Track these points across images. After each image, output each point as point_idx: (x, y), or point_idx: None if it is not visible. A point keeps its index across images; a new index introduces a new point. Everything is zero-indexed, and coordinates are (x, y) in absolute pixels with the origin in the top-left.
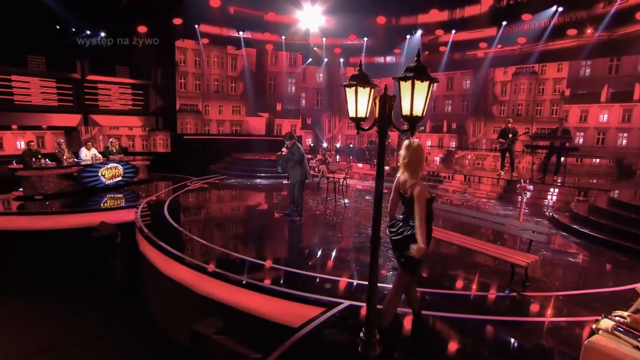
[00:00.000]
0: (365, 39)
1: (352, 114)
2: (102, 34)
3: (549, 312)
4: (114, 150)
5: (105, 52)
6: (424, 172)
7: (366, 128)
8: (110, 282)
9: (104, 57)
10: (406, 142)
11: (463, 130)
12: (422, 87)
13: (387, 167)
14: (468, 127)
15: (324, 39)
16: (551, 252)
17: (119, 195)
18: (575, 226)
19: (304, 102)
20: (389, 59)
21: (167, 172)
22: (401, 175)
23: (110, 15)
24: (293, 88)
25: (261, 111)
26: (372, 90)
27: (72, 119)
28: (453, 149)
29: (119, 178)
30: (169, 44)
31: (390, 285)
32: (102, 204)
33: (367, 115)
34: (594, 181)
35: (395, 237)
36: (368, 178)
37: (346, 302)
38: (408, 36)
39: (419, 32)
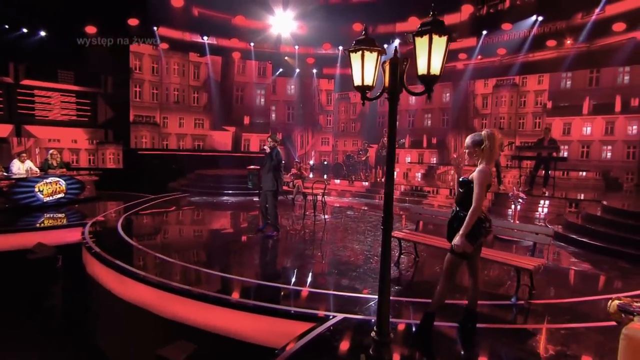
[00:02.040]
0: (341, 48)
1: (357, 82)
2: (42, 33)
3: (561, 318)
4: (55, 164)
5: (45, 55)
6: (407, 186)
7: (372, 98)
8: (50, 312)
9: (44, 60)
10: (484, 132)
11: (444, 145)
12: (440, 42)
13: (366, 183)
14: (449, 141)
15: (297, 47)
16: (551, 261)
17: (60, 215)
18: (572, 235)
19: (274, 115)
20: None
21: (119, 190)
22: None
23: (53, 12)
24: (262, 100)
25: (227, 125)
26: (380, 56)
27: (1, 130)
28: (434, 165)
29: (61, 195)
30: (122, 47)
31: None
32: (38, 224)
33: (374, 84)
34: (582, 196)
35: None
36: (346, 195)
37: (340, 315)
38: (385, 45)
39: (397, 41)
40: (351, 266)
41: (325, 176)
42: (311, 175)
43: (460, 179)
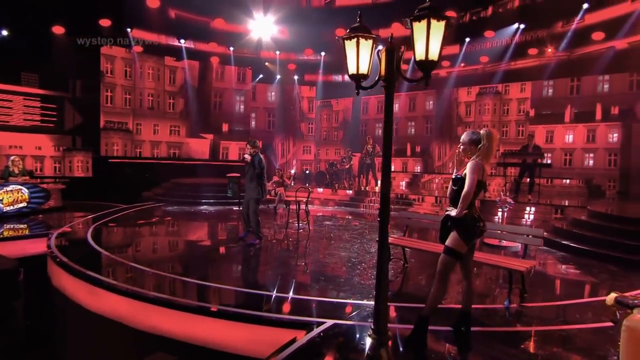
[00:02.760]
0: (323, 53)
1: (352, 70)
2: (4, 33)
3: (555, 320)
4: (16, 171)
5: (7, 55)
6: (391, 194)
7: (367, 87)
8: (11, 330)
9: (5, 61)
10: (482, 131)
11: (428, 153)
12: (438, 26)
13: (350, 192)
14: (433, 150)
15: (278, 53)
16: (541, 265)
17: (22, 226)
18: (559, 240)
19: (254, 123)
20: (347, 77)
21: (87, 200)
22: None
23: (17, 9)
24: (242, 107)
25: (204, 132)
26: (375, 44)
27: None
28: (419, 173)
29: (23, 204)
30: (93, 49)
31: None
32: None
33: (369, 73)
34: (567, 203)
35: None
36: (330, 203)
37: (329, 321)
38: None
39: (380, 47)
40: (338, 273)
41: (307, 185)
42: (293, 184)
43: (454, 176)
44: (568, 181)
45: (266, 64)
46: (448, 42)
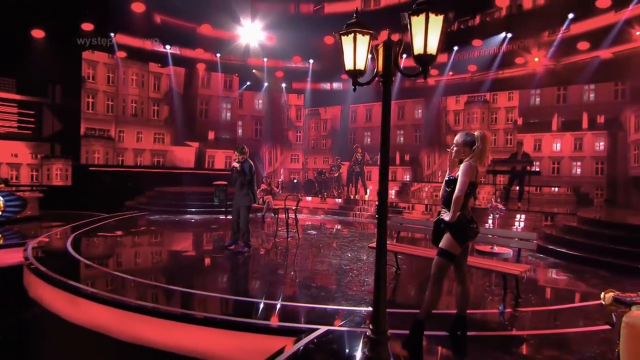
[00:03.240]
0: (311, 61)
1: (349, 66)
2: None
3: (551, 324)
4: None
5: None
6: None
7: (363, 83)
8: None
9: None
10: (477, 132)
11: (417, 162)
12: (436, 21)
13: (339, 200)
14: (422, 158)
15: (265, 60)
16: (533, 271)
17: None
18: (550, 246)
19: (240, 131)
20: (335, 85)
21: (67, 209)
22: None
23: None
24: (228, 115)
25: (190, 140)
26: (372, 40)
27: None
28: (408, 182)
29: None
30: (74, 54)
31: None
32: None
33: (365, 68)
34: (557, 210)
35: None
36: (318, 212)
37: (323, 328)
38: None
39: (369, 55)
40: (329, 280)
41: (296, 193)
42: (281, 192)
43: (447, 178)
44: (557, 189)
45: (253, 71)
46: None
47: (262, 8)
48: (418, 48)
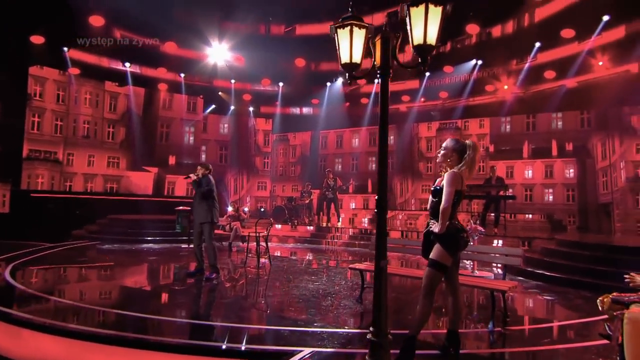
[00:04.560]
0: (281, 84)
1: (345, 59)
2: None
3: (541, 341)
4: None
5: None
6: (355, 231)
7: (359, 76)
8: None
9: None
10: (468, 141)
11: (390, 189)
12: (435, 11)
13: (310, 228)
14: (395, 185)
15: (233, 82)
16: (517, 293)
17: None
18: (531, 269)
19: (204, 156)
20: (305, 110)
21: (3, 239)
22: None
23: None
24: (191, 138)
25: (148, 165)
26: (368, 34)
27: None
28: None
29: None
30: (19, 69)
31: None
32: None
33: (361, 62)
34: (532, 235)
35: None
36: (289, 241)
37: (307, 350)
38: (328, 84)
39: (340, 80)
40: (310, 303)
41: (270, 219)
42: (248, 218)
43: (432, 188)
44: (530, 216)
45: (220, 93)
46: (408, 76)
47: (230, 27)
48: (418, 38)
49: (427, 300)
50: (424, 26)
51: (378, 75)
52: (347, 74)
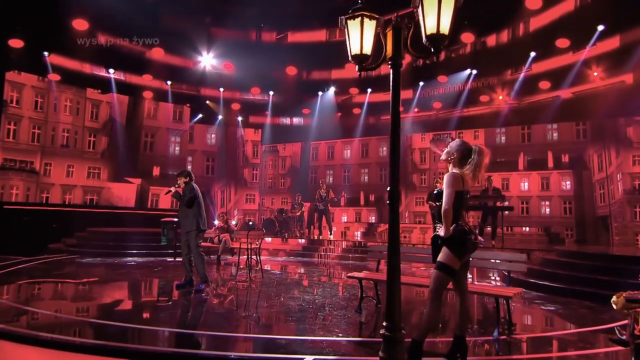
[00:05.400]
0: (272, 93)
1: (355, 50)
2: None
3: (549, 348)
4: None
5: None
6: (349, 244)
7: (369, 67)
8: None
9: None
10: (475, 146)
11: (382, 202)
12: (449, 1)
13: (302, 241)
14: (387, 198)
15: (221, 90)
16: (519, 303)
17: None
18: (532, 280)
19: (190, 167)
20: (296, 120)
21: None
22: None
23: None
24: (177, 149)
25: (131, 176)
26: (379, 25)
27: None
28: (374, 223)
29: None
30: None
31: None
32: None
33: (372, 53)
34: (531, 247)
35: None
36: (280, 254)
37: (309, 358)
38: (320, 93)
39: (332, 89)
40: (308, 313)
41: (263, 231)
42: (238, 231)
43: (435, 191)
44: (527, 229)
45: (207, 102)
46: (402, 85)
47: (220, 34)
48: (430, 28)
49: (434, 304)
50: (437, 16)
51: (389, 66)
52: (357, 66)
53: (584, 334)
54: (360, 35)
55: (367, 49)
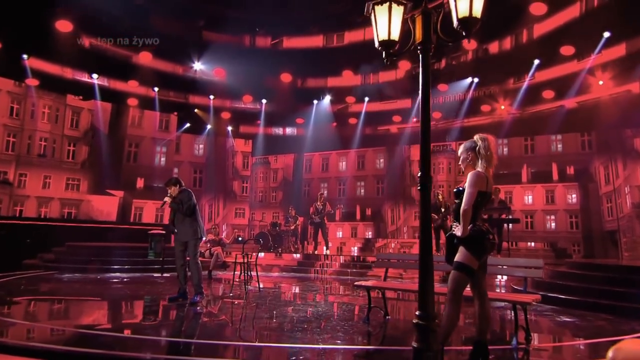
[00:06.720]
0: (264, 101)
1: (383, 36)
2: None
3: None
4: None
5: None
6: (347, 258)
7: (396, 53)
8: None
9: None
10: (475, 136)
11: (380, 217)
12: None
13: (297, 256)
14: (385, 213)
15: (211, 98)
16: (533, 315)
17: None
18: (544, 292)
19: None
20: (289, 130)
21: None
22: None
23: None
24: (162, 159)
25: (113, 188)
26: (406, 11)
27: None
28: (371, 239)
29: None
30: None
31: None
32: None
33: (399, 39)
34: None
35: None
36: (274, 270)
37: None
38: (315, 101)
39: (328, 98)
40: (312, 324)
41: (259, 243)
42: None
43: (455, 189)
44: (533, 244)
45: (196, 110)
46: (400, 94)
47: (212, 38)
48: (463, 11)
49: (454, 305)
50: None
51: (419, 51)
52: (383, 52)
53: (605, 344)
54: (388, 21)
55: (395, 35)
